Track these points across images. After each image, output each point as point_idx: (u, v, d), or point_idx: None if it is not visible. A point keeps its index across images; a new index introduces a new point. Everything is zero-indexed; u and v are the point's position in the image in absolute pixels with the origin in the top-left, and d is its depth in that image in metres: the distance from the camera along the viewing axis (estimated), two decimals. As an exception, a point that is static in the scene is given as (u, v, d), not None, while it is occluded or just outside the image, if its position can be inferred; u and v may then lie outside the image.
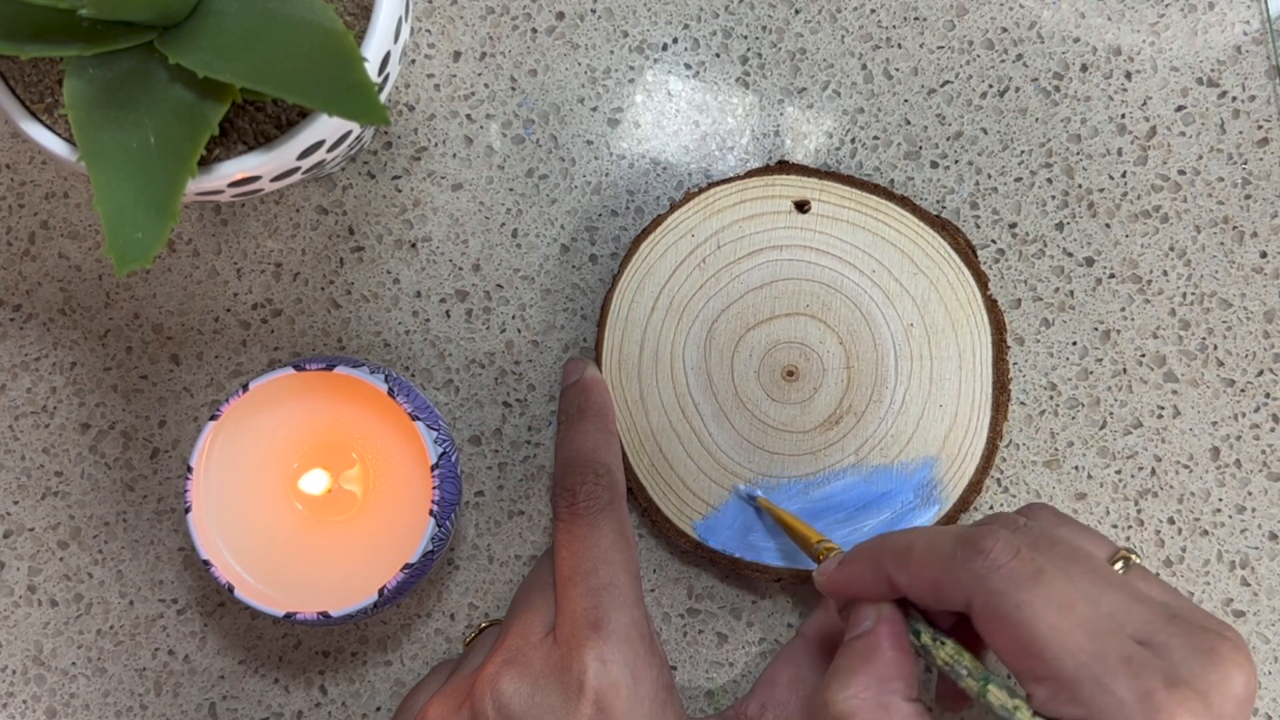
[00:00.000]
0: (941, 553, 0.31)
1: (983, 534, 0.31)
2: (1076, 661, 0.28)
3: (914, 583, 0.32)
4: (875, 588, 0.33)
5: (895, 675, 0.32)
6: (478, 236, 0.44)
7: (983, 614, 0.30)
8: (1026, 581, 0.29)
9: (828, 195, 0.42)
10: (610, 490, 0.39)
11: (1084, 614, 0.29)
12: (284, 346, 0.44)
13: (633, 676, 0.36)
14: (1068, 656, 0.28)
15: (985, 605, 0.30)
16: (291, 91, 0.29)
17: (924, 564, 0.32)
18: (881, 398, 0.42)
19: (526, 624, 0.38)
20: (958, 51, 0.44)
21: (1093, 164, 0.44)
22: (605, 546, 0.38)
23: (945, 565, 0.31)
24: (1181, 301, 0.43)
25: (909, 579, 0.32)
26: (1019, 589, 0.29)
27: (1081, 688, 0.28)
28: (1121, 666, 0.28)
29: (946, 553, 0.31)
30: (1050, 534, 0.32)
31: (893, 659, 0.32)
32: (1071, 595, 0.29)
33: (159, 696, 0.44)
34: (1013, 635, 0.29)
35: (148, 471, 0.44)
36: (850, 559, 0.34)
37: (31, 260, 0.44)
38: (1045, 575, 0.30)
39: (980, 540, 0.31)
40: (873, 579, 0.33)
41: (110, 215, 0.29)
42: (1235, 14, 0.44)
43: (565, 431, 0.41)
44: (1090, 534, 0.34)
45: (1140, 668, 0.28)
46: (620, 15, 0.44)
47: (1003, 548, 0.30)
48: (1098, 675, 0.28)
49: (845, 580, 0.34)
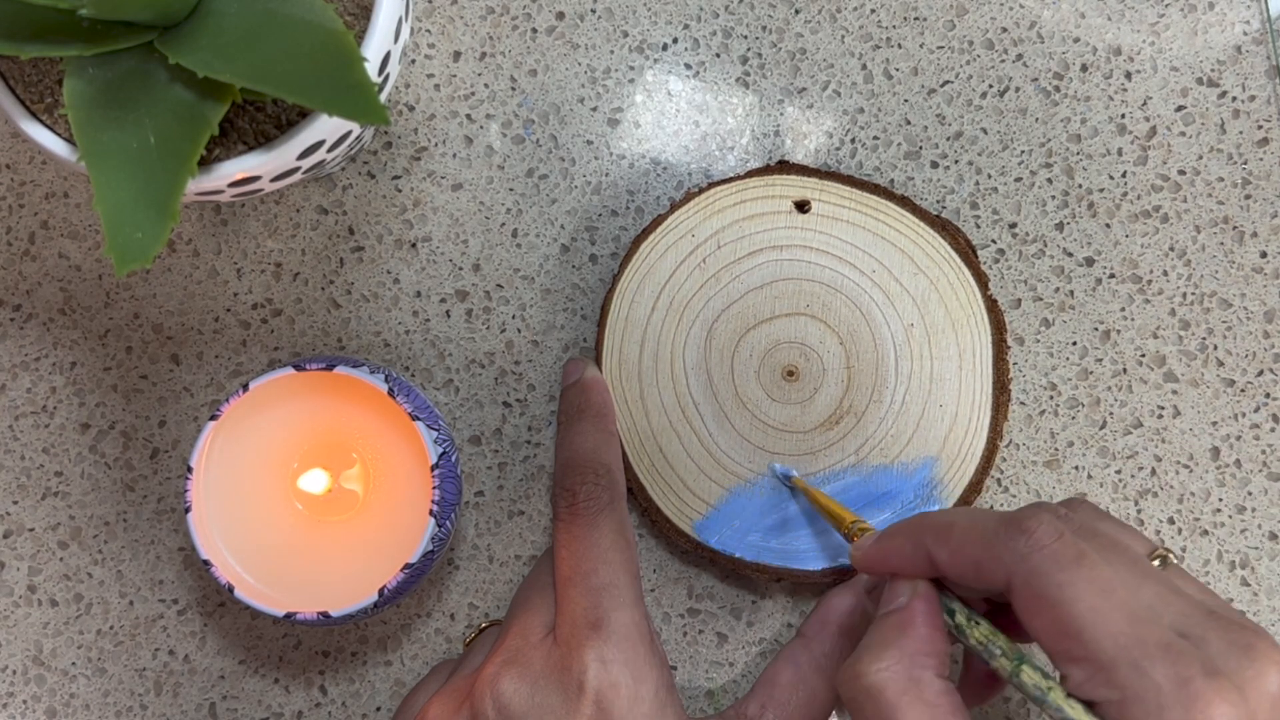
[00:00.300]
0: (984, 530, 0.31)
1: (1027, 514, 0.31)
2: (1115, 644, 0.28)
3: (954, 560, 0.32)
4: (913, 564, 0.33)
5: (928, 651, 0.32)
6: (478, 236, 0.44)
7: (1023, 593, 0.30)
8: (1069, 563, 0.30)
9: (828, 195, 0.42)
10: (610, 490, 0.39)
11: (1124, 600, 0.29)
12: (284, 346, 0.44)
13: (633, 676, 0.36)
14: (1107, 639, 0.28)
15: (1026, 584, 0.30)
16: (291, 91, 0.29)
17: (966, 541, 0.32)
18: (881, 398, 0.42)
19: (526, 624, 0.38)
20: (958, 51, 0.44)
21: (1093, 164, 0.44)
22: (605, 546, 0.38)
23: (988, 543, 0.31)
24: (1181, 301, 0.43)
25: (949, 556, 0.32)
26: (1061, 569, 0.30)
27: (1118, 670, 0.28)
28: (1160, 652, 0.28)
29: (990, 531, 0.31)
30: (1091, 525, 0.33)
31: (926, 635, 0.32)
32: (1112, 581, 0.29)
33: (159, 696, 0.44)
34: (1053, 615, 0.29)
35: (148, 471, 0.44)
36: (889, 534, 0.34)
37: (31, 260, 0.44)
38: (1087, 560, 0.30)
39: (1025, 520, 0.31)
40: (911, 554, 0.33)
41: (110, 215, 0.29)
42: (1235, 14, 0.44)
43: (565, 432, 0.41)
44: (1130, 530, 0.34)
45: (1179, 655, 0.28)
46: (620, 15, 0.44)
47: (1047, 529, 0.30)
48: (1136, 659, 0.28)
49: (883, 555, 0.34)
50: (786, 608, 0.43)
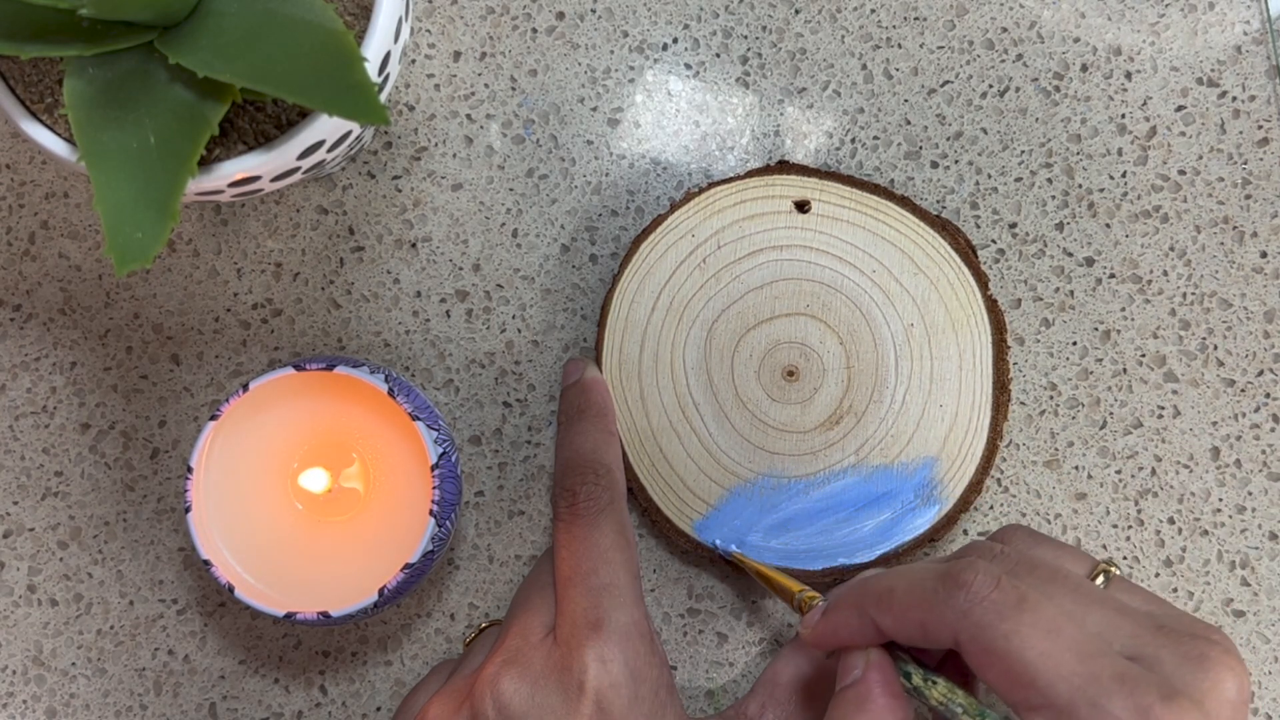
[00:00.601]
0: (924, 592, 0.31)
1: (962, 568, 0.31)
2: (1070, 686, 0.28)
3: (900, 625, 0.32)
4: (862, 634, 0.33)
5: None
6: (478, 236, 0.44)
7: (971, 648, 0.30)
8: (1010, 611, 0.29)
9: (828, 195, 0.42)
10: (610, 490, 0.39)
11: (1072, 636, 0.29)
12: (284, 346, 0.44)
13: (633, 676, 0.36)
14: (1060, 682, 0.28)
15: (973, 639, 0.30)
16: (291, 91, 0.29)
17: (907, 605, 0.32)
18: (882, 398, 0.42)
19: (526, 624, 0.38)
20: (958, 51, 0.44)
21: (1093, 164, 0.44)
22: (605, 547, 0.38)
23: (928, 605, 0.31)
24: (1181, 301, 0.43)
25: (894, 622, 0.32)
26: (1004, 619, 0.29)
27: (1078, 711, 0.28)
28: (1115, 685, 0.28)
29: (928, 591, 0.31)
30: (1028, 557, 0.32)
31: (886, 705, 0.32)
32: (1057, 619, 0.29)
33: (159, 696, 0.44)
34: (1003, 666, 0.29)
35: (148, 471, 0.44)
36: (833, 608, 0.34)
37: (31, 260, 0.44)
38: (1029, 602, 0.30)
39: (960, 574, 0.31)
40: (858, 626, 0.33)
41: (110, 215, 0.29)
42: (1235, 14, 0.44)
43: (565, 432, 0.41)
44: (1068, 551, 0.34)
45: (1134, 684, 0.28)
46: (620, 15, 0.44)
47: (983, 579, 0.30)
48: (1093, 697, 0.28)
49: (831, 630, 0.34)
50: (786, 608, 0.43)
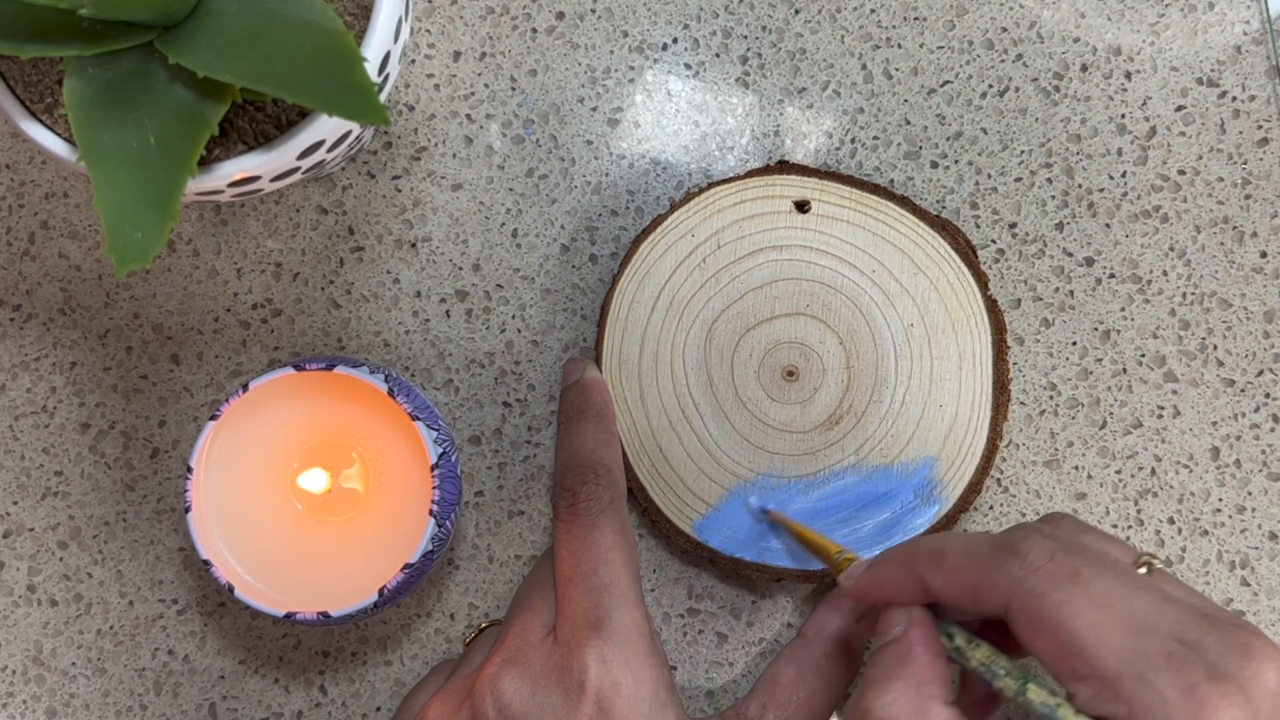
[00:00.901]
0: (978, 555, 0.31)
1: (1018, 538, 0.31)
2: (1119, 659, 0.28)
3: (949, 585, 0.32)
4: (907, 591, 0.33)
5: (931, 679, 0.32)
6: (478, 236, 0.44)
7: (1021, 616, 0.30)
8: (1064, 582, 0.30)
9: (828, 195, 0.42)
10: (610, 490, 0.39)
11: (1122, 612, 0.29)
12: (284, 346, 0.44)
13: (633, 676, 0.36)
14: (1110, 655, 0.29)
15: (1024, 607, 0.30)
16: (291, 91, 0.29)
17: (960, 567, 0.32)
18: (881, 398, 0.42)
19: (526, 624, 0.38)
20: (958, 51, 0.44)
21: (1093, 164, 0.44)
22: (605, 547, 0.38)
23: (982, 568, 0.31)
24: (1181, 301, 0.43)
25: (943, 581, 0.32)
26: (1057, 589, 0.30)
27: (1124, 684, 0.28)
28: (1164, 662, 0.28)
29: (983, 555, 0.31)
30: (1077, 541, 0.33)
31: (928, 663, 0.32)
32: (1108, 595, 0.30)
33: (159, 696, 0.44)
34: (1053, 635, 0.29)
35: (148, 471, 0.44)
36: (880, 562, 0.34)
37: (31, 260, 0.44)
38: (1082, 577, 0.30)
39: (1017, 543, 0.31)
40: (904, 582, 0.33)
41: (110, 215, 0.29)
42: (1235, 14, 0.44)
43: (565, 432, 0.41)
44: (1114, 540, 0.35)
45: (1182, 663, 0.28)
46: (620, 15, 0.44)
47: (1039, 551, 0.31)
48: (1141, 671, 0.28)
49: (875, 584, 0.34)
50: (786, 608, 0.43)
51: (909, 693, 0.31)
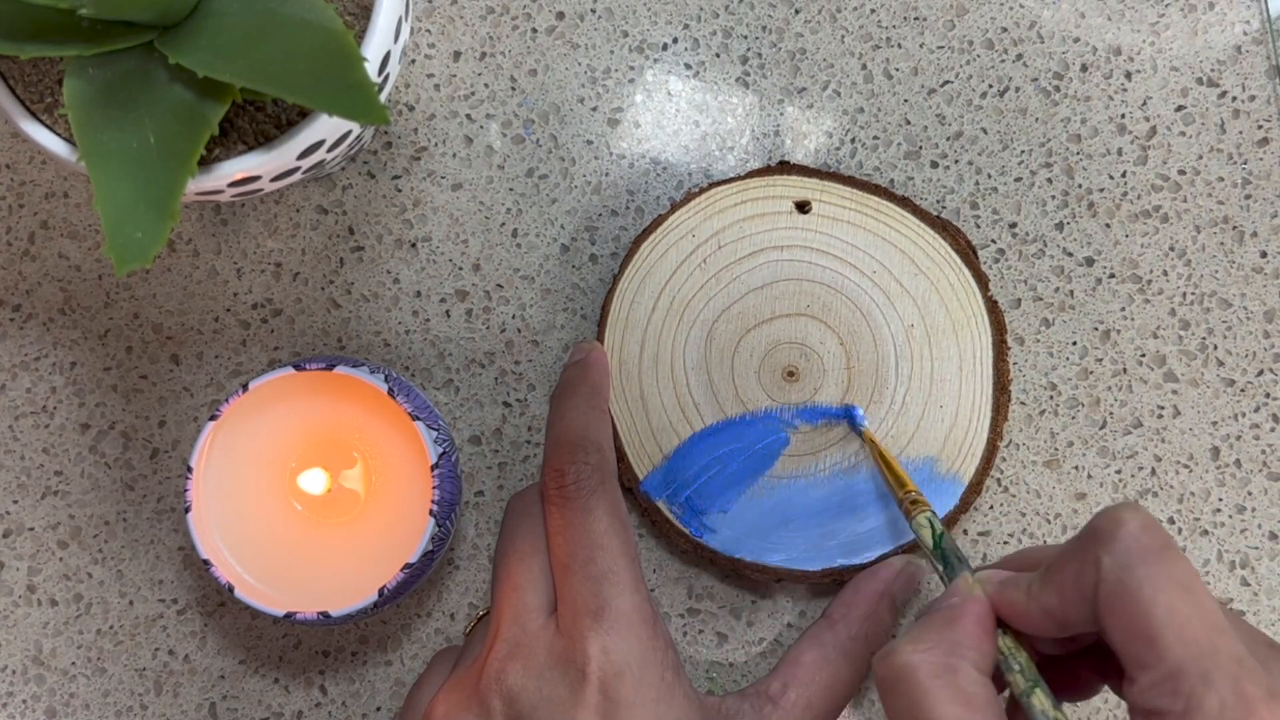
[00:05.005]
0: (1076, 541, 0.31)
1: (1117, 506, 0.31)
2: (1189, 653, 0.28)
3: (1051, 585, 0.31)
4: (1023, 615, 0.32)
5: (971, 645, 0.31)
6: (478, 236, 0.44)
7: (1105, 590, 0.29)
8: (1155, 554, 0.29)
9: (828, 195, 0.42)
10: (600, 470, 0.38)
11: (1202, 599, 0.29)
12: (284, 346, 0.44)
13: (638, 662, 0.36)
14: (1180, 645, 0.28)
15: (1111, 577, 0.29)
16: (291, 91, 0.29)
17: (1061, 559, 0.31)
18: (882, 398, 0.42)
19: (519, 607, 0.37)
20: (958, 51, 0.44)
21: (1093, 164, 0.44)
22: (600, 532, 0.37)
23: (1080, 547, 0.30)
24: (1181, 301, 0.43)
25: (1045, 583, 0.31)
26: (1146, 561, 0.29)
27: (1186, 679, 0.28)
28: (1232, 665, 0.28)
29: (1081, 537, 0.31)
30: None
31: (973, 630, 0.31)
32: (1192, 577, 0.29)
33: (159, 696, 0.44)
34: (1131, 614, 0.29)
35: (148, 471, 0.44)
36: (1045, 583, 0.32)
37: (31, 260, 0.44)
38: (1172, 551, 0.29)
39: (1116, 510, 0.30)
40: (1026, 605, 0.32)
41: (110, 215, 0.29)
42: (1235, 14, 0.44)
43: (554, 408, 0.40)
44: None
45: (1249, 672, 0.28)
46: (620, 15, 0.44)
47: (1136, 521, 0.30)
48: (1206, 670, 0.28)
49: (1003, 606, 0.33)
50: (786, 608, 0.43)
51: (942, 647, 0.31)
